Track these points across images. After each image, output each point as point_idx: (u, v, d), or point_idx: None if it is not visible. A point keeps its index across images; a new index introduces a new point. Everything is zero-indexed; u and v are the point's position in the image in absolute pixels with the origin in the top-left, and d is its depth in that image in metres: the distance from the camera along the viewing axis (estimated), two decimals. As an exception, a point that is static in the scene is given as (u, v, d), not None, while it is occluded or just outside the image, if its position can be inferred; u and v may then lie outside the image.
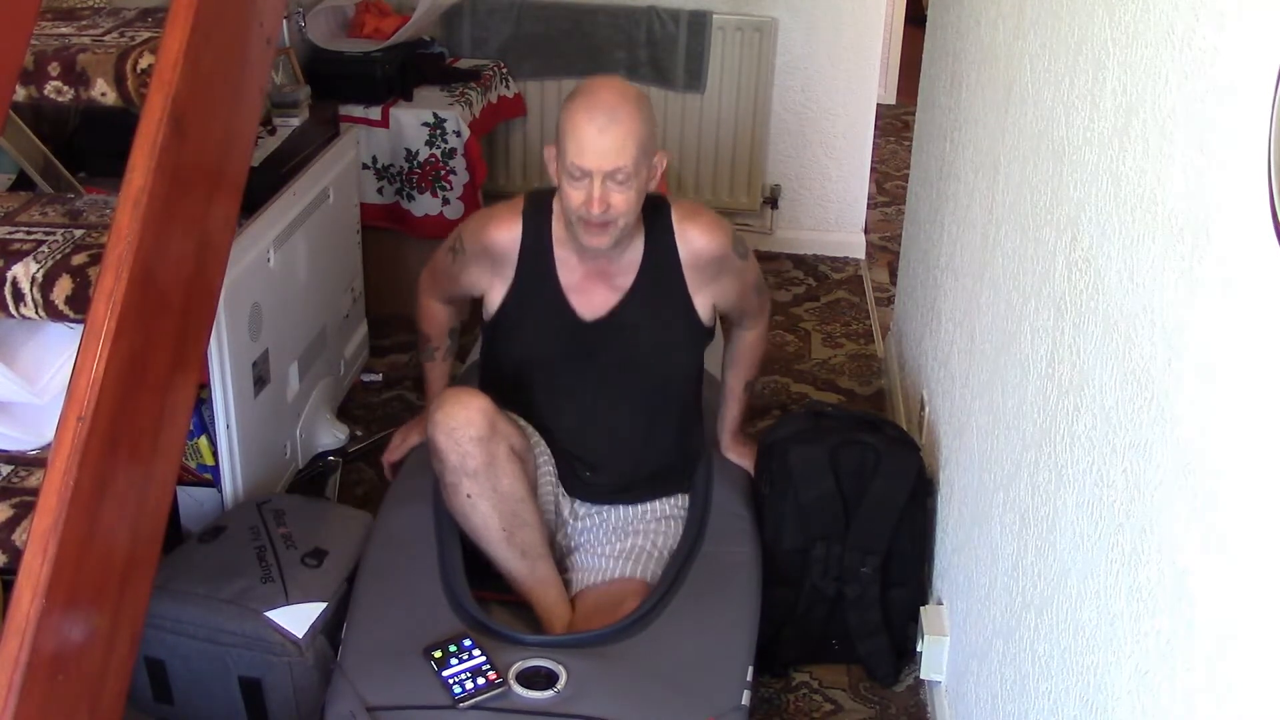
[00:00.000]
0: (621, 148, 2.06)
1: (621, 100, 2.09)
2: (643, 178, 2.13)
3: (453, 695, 1.91)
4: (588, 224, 2.12)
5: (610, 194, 2.09)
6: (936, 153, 2.88)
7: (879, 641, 2.39)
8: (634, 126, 2.08)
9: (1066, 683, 1.53)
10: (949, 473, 2.37)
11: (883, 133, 5.14)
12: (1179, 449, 1.20)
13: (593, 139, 2.06)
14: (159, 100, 1.74)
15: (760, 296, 2.44)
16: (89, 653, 1.65)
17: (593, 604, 2.23)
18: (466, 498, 2.16)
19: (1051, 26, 1.81)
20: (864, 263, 4.30)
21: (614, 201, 2.10)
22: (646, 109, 2.14)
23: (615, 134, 2.06)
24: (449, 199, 3.63)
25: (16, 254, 1.85)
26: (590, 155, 2.06)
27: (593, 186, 2.08)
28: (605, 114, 2.06)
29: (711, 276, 2.30)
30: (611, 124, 2.06)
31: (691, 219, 2.28)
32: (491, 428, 2.15)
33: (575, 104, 2.11)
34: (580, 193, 2.09)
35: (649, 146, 2.12)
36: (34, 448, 1.91)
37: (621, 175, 2.07)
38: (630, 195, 2.11)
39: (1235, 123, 1.10)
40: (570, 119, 2.09)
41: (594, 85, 2.14)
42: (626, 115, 2.07)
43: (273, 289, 2.67)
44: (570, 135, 2.08)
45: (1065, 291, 1.63)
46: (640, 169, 2.11)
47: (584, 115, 2.07)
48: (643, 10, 4.04)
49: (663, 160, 2.19)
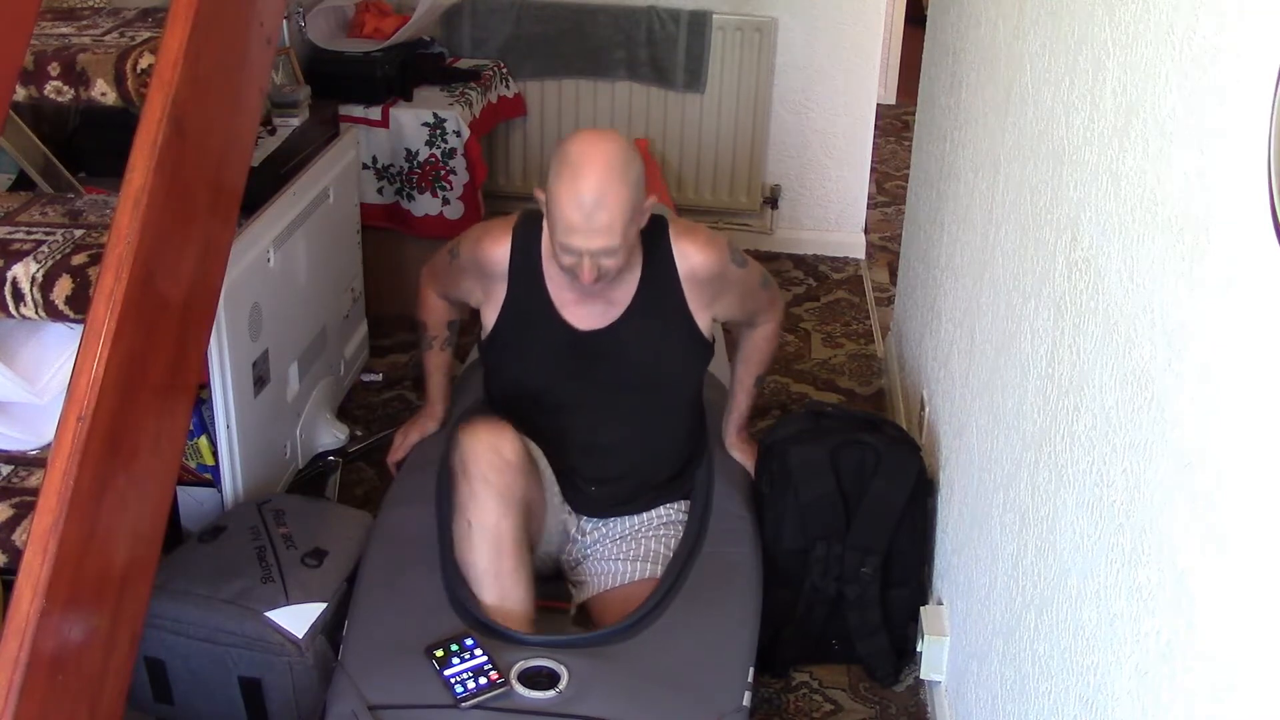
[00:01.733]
0: (609, 229, 2.03)
1: (608, 178, 2.02)
2: (633, 235, 2.11)
3: (454, 695, 1.91)
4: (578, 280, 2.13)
5: (601, 261, 2.08)
6: (936, 153, 2.88)
7: (879, 641, 2.39)
8: (620, 207, 2.03)
9: (1066, 683, 1.53)
10: (949, 473, 2.37)
11: (883, 133, 5.14)
12: (1179, 449, 1.20)
13: (580, 224, 2.02)
14: (159, 100, 1.74)
15: (768, 292, 2.42)
16: (89, 653, 1.65)
17: (609, 608, 2.23)
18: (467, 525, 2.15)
19: (1051, 26, 1.81)
20: (864, 263, 4.30)
21: (605, 265, 2.09)
22: (632, 173, 2.07)
23: (602, 218, 2.02)
24: (449, 199, 3.63)
25: (16, 254, 1.85)
26: (578, 239, 2.04)
27: (583, 261, 2.07)
28: (592, 197, 2.01)
29: (713, 293, 2.29)
30: (598, 209, 2.01)
31: (688, 236, 2.27)
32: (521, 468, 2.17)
33: (561, 178, 2.04)
34: (570, 259, 2.08)
35: (638, 207, 2.09)
36: (34, 448, 1.91)
37: (611, 250, 2.06)
38: (620, 257, 2.09)
39: (1235, 123, 1.10)
40: (556, 195, 2.04)
41: (579, 157, 2.04)
42: (614, 197, 2.02)
43: (273, 289, 2.67)
44: (557, 214, 2.05)
45: (1065, 291, 1.63)
46: (629, 233, 2.08)
47: (569, 196, 2.02)
48: (643, 10, 4.04)
49: (652, 203, 2.15)
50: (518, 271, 2.27)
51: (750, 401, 2.54)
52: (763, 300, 2.41)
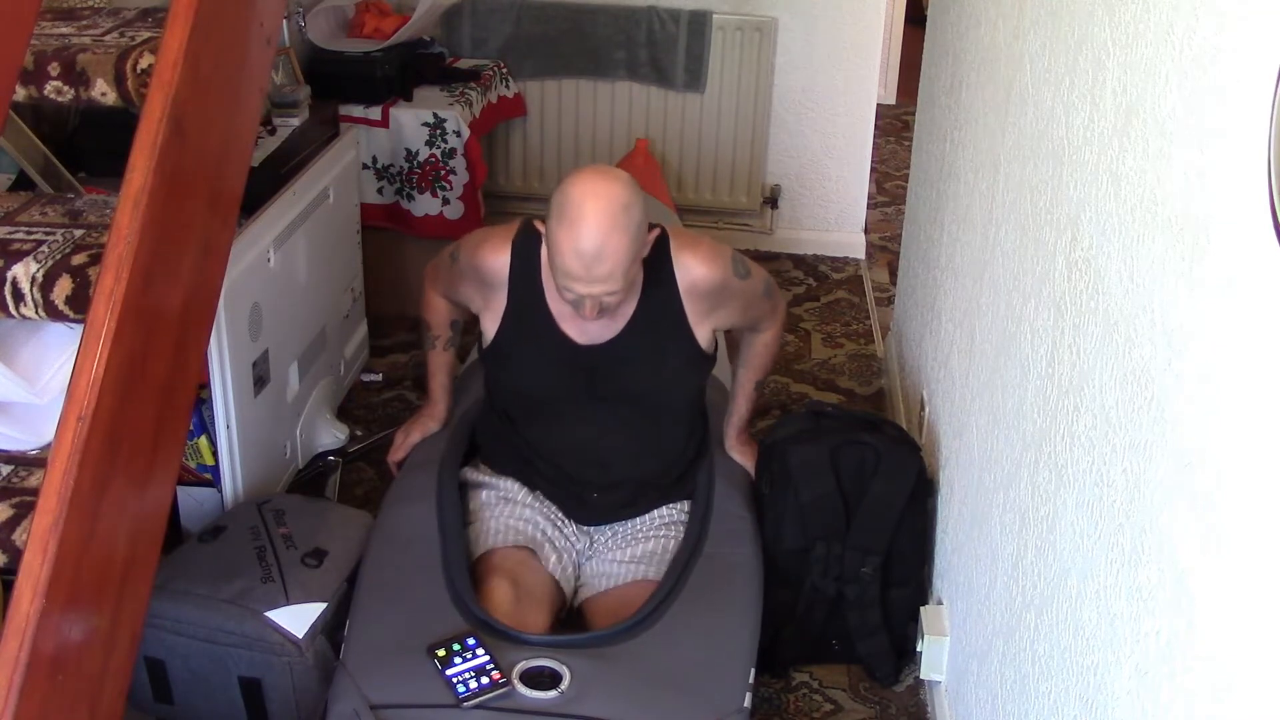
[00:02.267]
0: (609, 279, 2.01)
1: (609, 229, 1.97)
2: (634, 273, 2.09)
3: (456, 695, 1.91)
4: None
5: (602, 300, 2.06)
6: (936, 153, 2.88)
7: (879, 641, 2.39)
8: (621, 255, 1.99)
9: (1066, 683, 1.53)
10: (949, 473, 2.37)
11: (883, 133, 5.14)
12: (1179, 449, 1.20)
13: (580, 274, 1.99)
14: (159, 100, 1.74)
15: (770, 300, 2.39)
16: (89, 653, 1.65)
17: (608, 608, 2.23)
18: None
19: (1051, 26, 1.81)
20: (864, 263, 4.30)
21: (607, 302, 2.07)
22: (634, 220, 2.01)
23: (602, 269, 1.99)
24: (449, 199, 3.63)
25: (16, 254, 1.85)
26: (580, 285, 2.01)
27: (584, 301, 2.05)
28: (592, 251, 1.97)
29: (712, 305, 2.26)
30: (597, 261, 1.98)
31: (690, 249, 2.23)
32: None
33: (560, 226, 1.99)
34: (572, 297, 2.06)
35: (639, 252, 2.06)
36: (34, 448, 1.91)
37: (612, 291, 2.04)
38: (623, 293, 2.08)
39: (1235, 123, 1.10)
40: (556, 242, 2.00)
41: (579, 210, 1.97)
42: (612, 248, 1.98)
43: (273, 289, 2.67)
44: (557, 261, 2.01)
45: (1065, 291, 1.63)
46: (632, 271, 2.06)
47: (569, 248, 1.98)
48: (643, 10, 4.04)
49: (654, 236, 2.13)
50: (517, 283, 2.25)
51: (750, 406, 2.53)
52: (765, 308, 2.38)
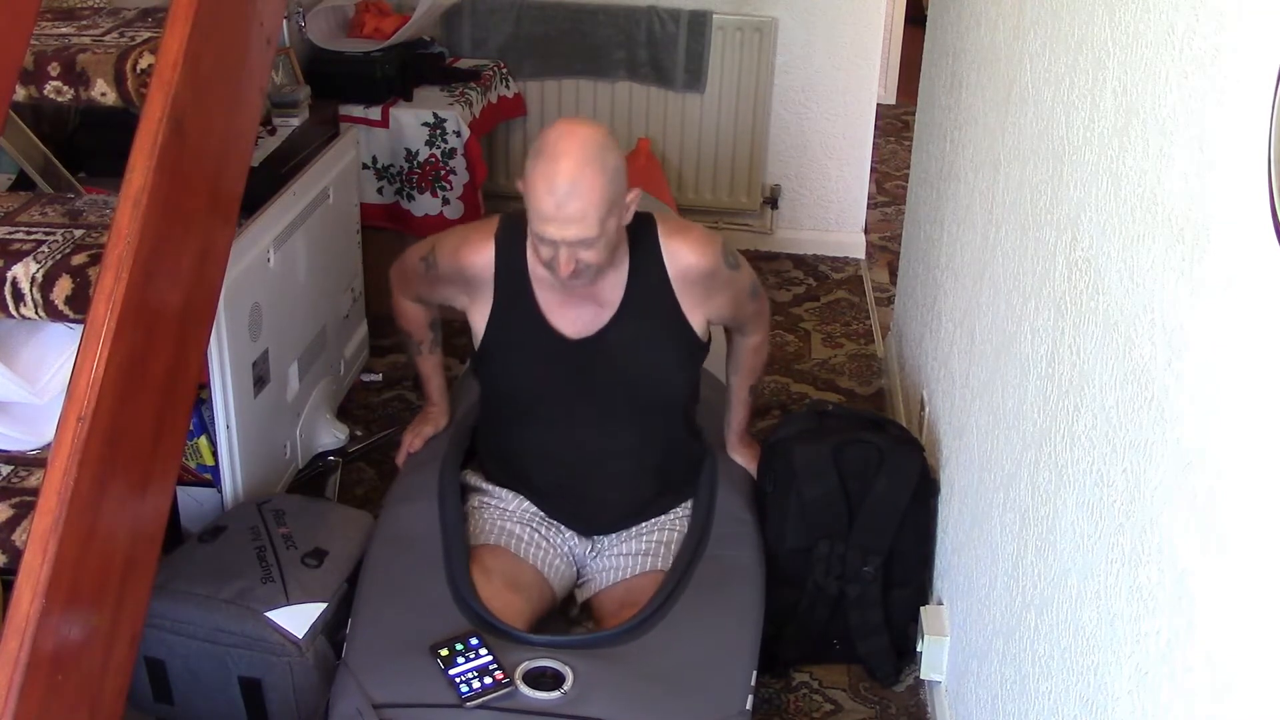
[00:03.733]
0: (584, 218, 1.99)
1: (583, 165, 1.98)
2: (612, 228, 2.06)
3: (459, 694, 1.91)
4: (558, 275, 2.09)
5: (579, 253, 2.04)
6: (936, 153, 2.88)
7: (880, 641, 2.39)
8: (595, 195, 1.99)
9: (1066, 683, 1.53)
10: (949, 473, 2.37)
11: (883, 133, 5.14)
12: (1179, 449, 1.20)
13: (553, 212, 1.99)
14: (159, 100, 1.74)
15: (755, 303, 2.37)
16: (89, 652, 1.65)
17: (618, 601, 2.23)
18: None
19: (1051, 26, 1.81)
20: (864, 263, 4.30)
21: (583, 258, 2.05)
22: (610, 161, 2.02)
23: (575, 207, 1.98)
24: (449, 199, 3.63)
25: (16, 254, 1.85)
26: (553, 228, 2.00)
27: (559, 253, 2.03)
28: (565, 186, 1.97)
29: (704, 292, 2.24)
30: (571, 197, 1.98)
31: (679, 235, 2.22)
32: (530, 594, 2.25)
33: (536, 167, 2.01)
34: (548, 251, 2.05)
35: (616, 199, 2.04)
36: (34, 448, 1.91)
37: (587, 241, 2.02)
38: (599, 249, 2.05)
39: (1235, 123, 1.10)
40: (531, 184, 2.02)
41: (554, 147, 2.01)
42: (586, 184, 1.98)
43: (273, 289, 2.67)
44: (532, 202, 2.02)
45: (1065, 291, 1.63)
46: (607, 225, 2.03)
47: (544, 185, 1.99)
48: (643, 10, 4.04)
49: (636, 197, 2.11)
50: (503, 279, 2.23)
51: (747, 410, 2.53)
52: (751, 309, 2.36)
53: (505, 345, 2.27)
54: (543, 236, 2.03)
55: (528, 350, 2.25)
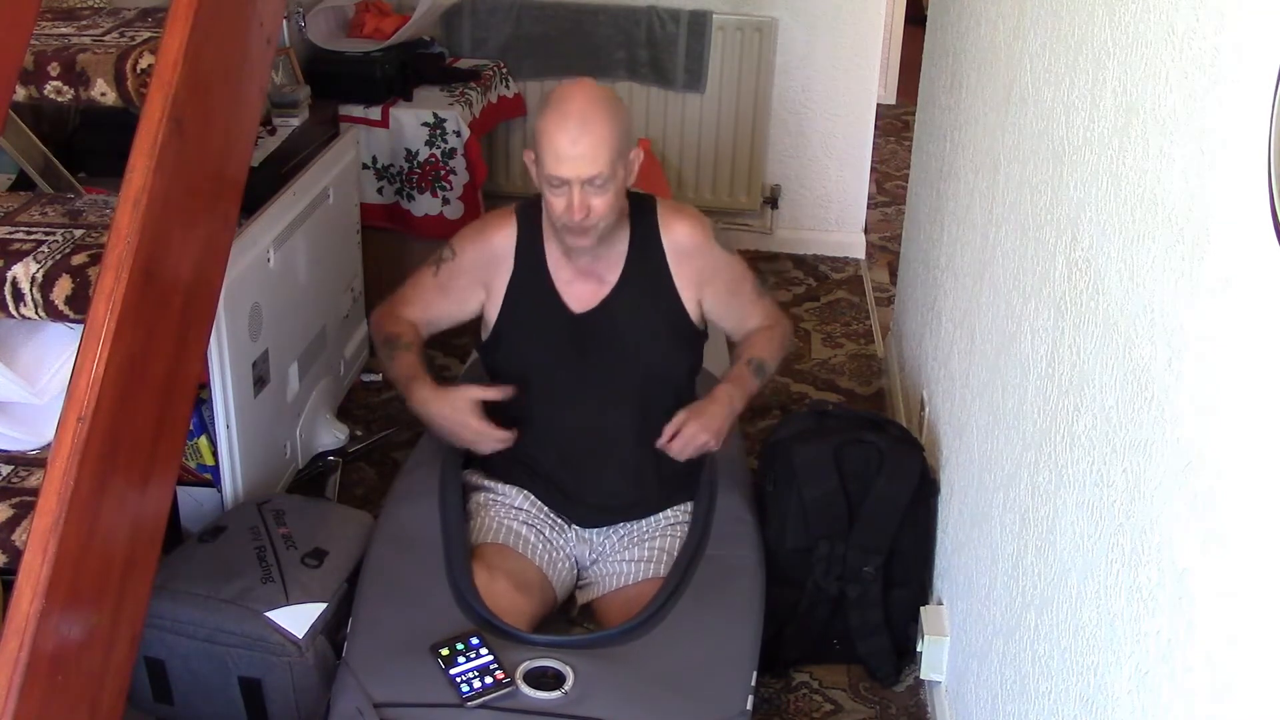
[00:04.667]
0: (595, 155, 2.09)
1: (592, 106, 2.11)
2: (620, 177, 2.16)
3: (460, 694, 1.91)
4: (570, 228, 2.16)
5: (589, 198, 2.12)
6: (936, 153, 2.88)
7: (880, 641, 2.39)
8: (606, 132, 2.10)
9: (1066, 683, 1.53)
10: (949, 473, 2.37)
11: (883, 133, 5.13)
12: (1179, 449, 1.20)
13: (566, 149, 2.08)
14: (159, 100, 1.74)
15: (762, 301, 2.42)
16: (89, 653, 1.65)
17: (619, 606, 2.23)
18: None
19: (1051, 26, 1.81)
20: (864, 263, 4.30)
21: (594, 205, 2.13)
22: (618, 110, 2.17)
23: (588, 143, 2.08)
24: (449, 199, 3.63)
25: (16, 254, 1.85)
26: (566, 165, 2.09)
27: (572, 194, 2.11)
28: (577, 123, 2.09)
29: (697, 270, 2.31)
30: (583, 133, 2.08)
31: (675, 213, 2.34)
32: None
33: (547, 114, 2.13)
34: (561, 200, 2.13)
35: (624, 147, 2.15)
36: (34, 448, 1.91)
37: (599, 180, 2.11)
38: (609, 197, 2.14)
39: (1235, 123, 1.10)
40: (544, 129, 2.12)
41: (564, 93, 2.15)
42: (598, 122, 2.10)
43: (273, 289, 2.67)
44: (545, 146, 2.11)
45: (1065, 291, 1.63)
46: (617, 170, 2.14)
47: (556, 125, 2.10)
48: (643, 10, 4.04)
49: (639, 155, 2.22)
50: (523, 253, 2.31)
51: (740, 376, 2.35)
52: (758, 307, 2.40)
53: (518, 322, 2.32)
54: (556, 177, 2.11)
55: (538, 326, 2.31)
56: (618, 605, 2.25)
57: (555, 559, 2.32)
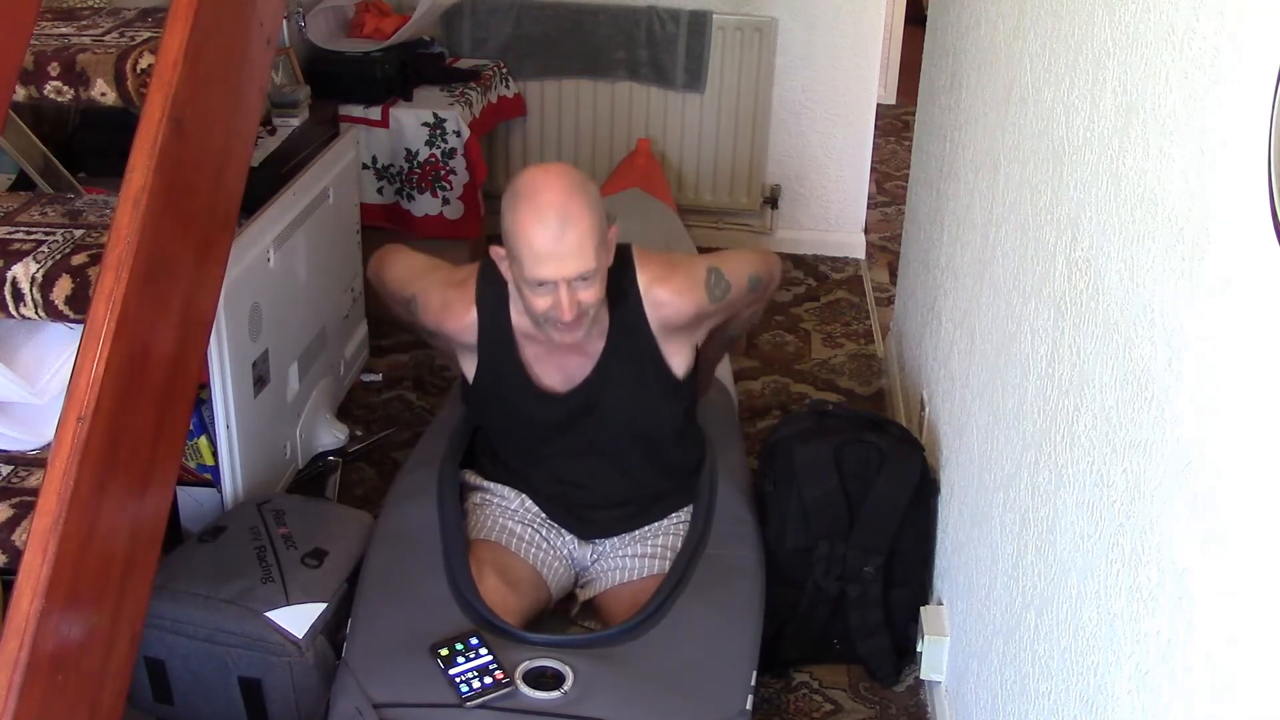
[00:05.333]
0: (580, 250, 1.94)
1: (569, 197, 1.95)
2: (604, 263, 2.01)
3: (459, 694, 1.91)
4: (558, 325, 2.02)
5: (579, 293, 1.98)
6: (936, 153, 2.88)
7: (880, 641, 2.39)
8: (588, 224, 1.95)
9: (1066, 683, 1.53)
10: (949, 473, 2.37)
11: (883, 133, 5.13)
12: (1179, 449, 1.20)
13: (550, 248, 1.93)
14: (159, 100, 1.74)
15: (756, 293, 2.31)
16: (89, 652, 1.65)
17: (624, 602, 2.22)
18: None
19: (1051, 26, 1.81)
20: (864, 263, 4.30)
21: (584, 299, 1.99)
22: (593, 193, 2.00)
23: (571, 239, 1.93)
24: (449, 199, 3.63)
25: (16, 254, 1.85)
26: (551, 266, 1.93)
27: (560, 295, 1.96)
28: (557, 219, 1.92)
29: (689, 333, 2.22)
30: (565, 229, 1.92)
31: (660, 282, 2.15)
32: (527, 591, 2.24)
33: (520, 209, 1.96)
34: (545, 299, 1.98)
35: (602, 231, 2.00)
36: (34, 448, 1.91)
37: (586, 275, 1.97)
38: (599, 285, 2.01)
39: (1235, 123, 1.10)
40: (519, 227, 1.95)
41: (534, 184, 1.97)
42: (578, 213, 1.94)
43: (273, 289, 2.67)
44: (525, 247, 1.95)
45: (1065, 291, 1.63)
46: (602, 259, 2.00)
47: (534, 222, 1.93)
48: (643, 10, 4.04)
49: (615, 233, 2.07)
50: (487, 340, 2.18)
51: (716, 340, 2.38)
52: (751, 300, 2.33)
53: (493, 398, 2.27)
54: (540, 280, 1.96)
55: (515, 403, 2.25)
56: (621, 601, 2.24)
57: (549, 558, 2.31)
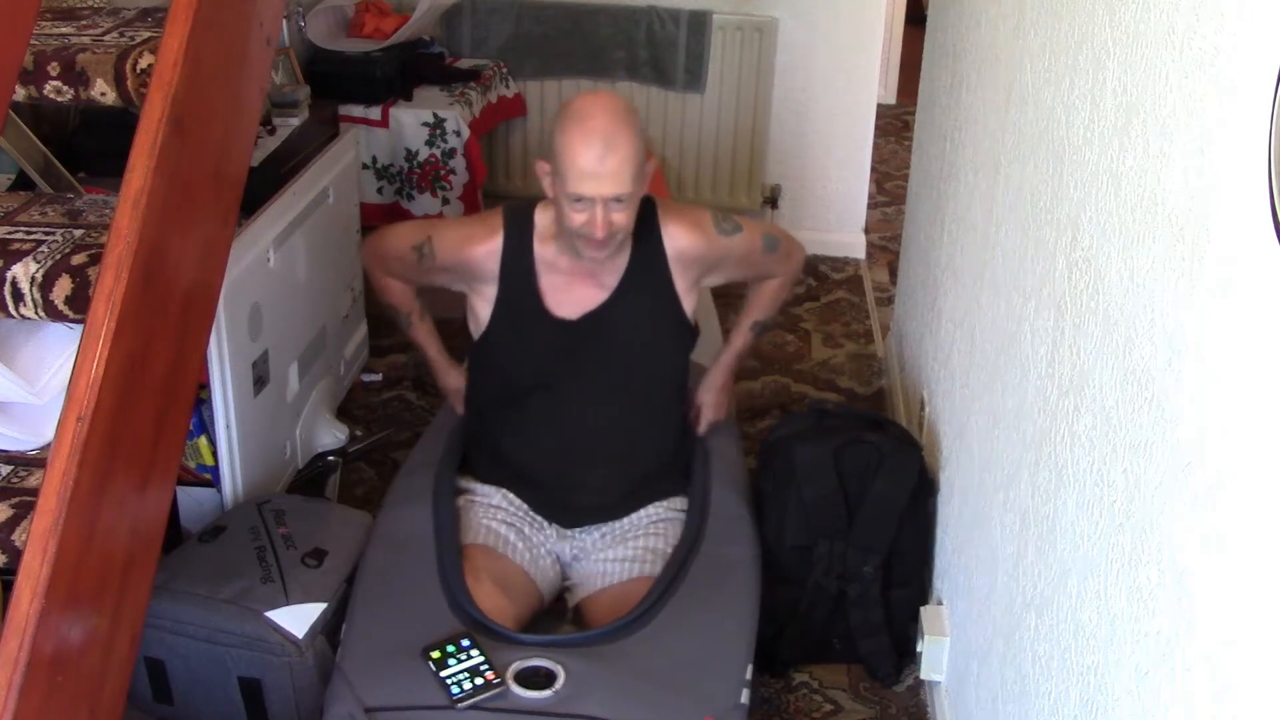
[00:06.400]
0: (619, 173, 2.06)
1: (615, 124, 2.08)
2: (639, 192, 2.14)
3: (451, 695, 1.91)
4: (590, 242, 2.13)
5: (612, 214, 2.10)
6: (936, 153, 2.88)
7: (880, 641, 2.39)
8: (629, 150, 2.07)
9: (1066, 683, 1.53)
10: (949, 473, 2.37)
11: (883, 133, 5.14)
12: (1179, 449, 1.20)
13: (592, 168, 2.05)
14: (159, 100, 1.74)
15: (775, 254, 2.40)
16: (89, 653, 1.65)
17: (606, 606, 2.23)
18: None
19: (1051, 26, 1.81)
20: (864, 263, 4.30)
21: (615, 220, 2.11)
22: (637, 124, 2.13)
23: (613, 162, 2.05)
24: (449, 199, 3.63)
25: (16, 254, 1.85)
26: (591, 184, 2.06)
27: (595, 212, 2.08)
28: (602, 142, 2.05)
29: (703, 270, 2.32)
30: (608, 152, 2.05)
31: (675, 218, 2.30)
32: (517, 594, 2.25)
33: (570, 130, 2.09)
34: (583, 215, 2.10)
35: (641, 162, 2.13)
36: (34, 448, 1.91)
37: (623, 198, 2.09)
38: (630, 211, 2.13)
39: (1235, 123, 1.10)
40: (566, 145, 2.08)
41: (587, 108, 2.11)
42: (622, 140, 2.07)
43: (273, 289, 2.67)
44: (569, 163, 2.07)
45: (1065, 291, 1.63)
46: (638, 186, 2.12)
47: (580, 143, 2.06)
48: (643, 10, 4.04)
49: (653, 164, 2.19)
50: (508, 269, 2.27)
51: (744, 343, 2.55)
52: (770, 261, 2.41)
53: (507, 332, 2.30)
54: (580, 195, 2.07)
55: (528, 336, 2.29)
56: (604, 605, 2.24)
57: (537, 557, 2.32)
